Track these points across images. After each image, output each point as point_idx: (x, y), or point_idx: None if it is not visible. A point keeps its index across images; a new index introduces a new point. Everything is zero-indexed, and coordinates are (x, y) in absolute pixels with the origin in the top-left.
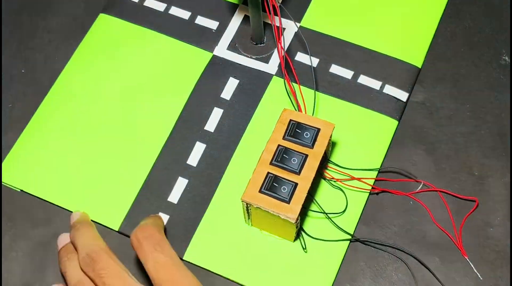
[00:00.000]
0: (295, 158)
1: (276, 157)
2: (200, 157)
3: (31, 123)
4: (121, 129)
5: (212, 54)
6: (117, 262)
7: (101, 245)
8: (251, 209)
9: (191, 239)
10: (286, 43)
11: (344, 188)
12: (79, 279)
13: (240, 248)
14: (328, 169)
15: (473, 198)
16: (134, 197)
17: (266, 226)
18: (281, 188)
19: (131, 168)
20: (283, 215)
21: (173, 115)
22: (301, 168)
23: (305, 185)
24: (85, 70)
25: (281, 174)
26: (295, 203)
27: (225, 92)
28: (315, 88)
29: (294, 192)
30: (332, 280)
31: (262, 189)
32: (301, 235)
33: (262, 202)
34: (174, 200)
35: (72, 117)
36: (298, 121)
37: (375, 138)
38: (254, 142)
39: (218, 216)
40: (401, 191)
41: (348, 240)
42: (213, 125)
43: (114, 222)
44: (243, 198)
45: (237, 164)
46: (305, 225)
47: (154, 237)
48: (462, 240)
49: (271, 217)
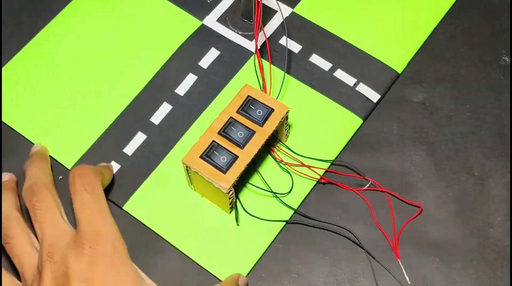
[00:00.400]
0: (241, 132)
1: (224, 128)
2: (164, 117)
3: (17, 56)
4: (97, 76)
5: (201, 23)
6: (54, 199)
7: (45, 180)
8: (190, 172)
9: (135, 191)
10: (274, 26)
11: (292, 173)
12: (9, 214)
13: (178, 210)
14: (279, 151)
15: (418, 204)
16: (94, 141)
17: (206, 193)
18: (221, 157)
19: (97, 114)
20: (217, 184)
21: (149, 72)
22: (246, 143)
23: (245, 159)
24: (80, 17)
25: (224, 144)
26: (231, 174)
27: (204, 61)
28: (285, 69)
29: (233, 164)
30: (257, 258)
31: (202, 155)
32: (237, 209)
33: (200, 167)
34: (129, 152)
35: (56, 57)
36: (255, 98)
37: (335, 132)
38: (218, 113)
39: (166, 175)
40: (349, 186)
41: (284, 221)
42: (184, 89)
43: (69, 160)
44: (183, 160)
45: (196, 130)
46: (245, 200)
47: (89, 178)
48: (399, 243)
49: (208, 184)
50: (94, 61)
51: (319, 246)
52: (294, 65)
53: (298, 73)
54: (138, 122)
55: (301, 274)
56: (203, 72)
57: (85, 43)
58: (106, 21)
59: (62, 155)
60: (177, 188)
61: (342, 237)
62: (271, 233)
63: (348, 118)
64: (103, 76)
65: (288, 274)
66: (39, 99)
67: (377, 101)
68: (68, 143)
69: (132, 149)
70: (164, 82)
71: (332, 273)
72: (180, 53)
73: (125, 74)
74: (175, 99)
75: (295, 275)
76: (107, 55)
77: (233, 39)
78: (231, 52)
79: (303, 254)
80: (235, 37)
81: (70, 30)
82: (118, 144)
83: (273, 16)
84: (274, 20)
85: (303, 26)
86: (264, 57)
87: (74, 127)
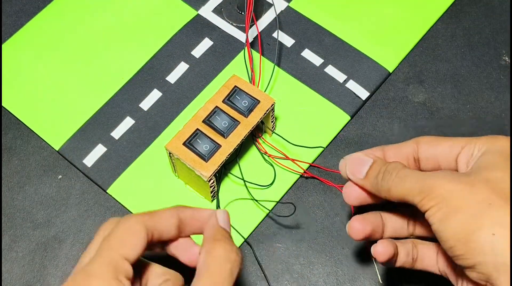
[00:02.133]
0: (226, 122)
1: (209, 116)
2: (153, 103)
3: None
4: (90, 59)
5: (197, 13)
6: None
7: None
8: (173, 159)
9: (120, 175)
10: (269, 19)
11: (276, 165)
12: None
13: (161, 196)
14: (264, 142)
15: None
16: (82, 123)
17: (189, 180)
18: (203, 145)
19: (87, 97)
20: (198, 171)
21: (142, 59)
22: (229, 133)
23: (228, 149)
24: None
25: (208, 133)
26: (212, 163)
27: (197, 50)
28: (275, 62)
29: (215, 153)
30: None
31: (185, 142)
32: (218, 198)
33: (182, 154)
34: (116, 136)
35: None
36: (241, 89)
37: (321, 127)
38: None
39: (151, 161)
40: (331, 182)
41: (265, 214)
42: (175, 77)
43: (57, 142)
44: (166, 146)
45: (185, 118)
46: (227, 190)
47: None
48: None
49: (190, 172)
50: (88, 45)
51: (319, 246)
52: (286, 59)
53: (288, 67)
54: (127, 107)
55: (301, 274)
56: (195, 61)
57: (81, 27)
58: (102, 6)
59: (50, 135)
60: (162, 175)
61: (342, 237)
62: (251, 224)
63: (335, 115)
64: (96, 60)
65: (288, 274)
66: (31, 80)
67: (365, 98)
68: (57, 124)
69: (120, 133)
70: (155, 69)
71: (332, 273)
72: (173, 41)
73: (118, 59)
74: (165, 87)
75: (295, 275)
76: (102, 40)
77: (227, 30)
78: (224, 43)
79: (303, 254)
80: (229, 28)
81: (65, 14)
82: (106, 128)
83: (268, 9)
84: (269, 13)
85: (297, 21)
86: (256, 49)
87: (63, 109)
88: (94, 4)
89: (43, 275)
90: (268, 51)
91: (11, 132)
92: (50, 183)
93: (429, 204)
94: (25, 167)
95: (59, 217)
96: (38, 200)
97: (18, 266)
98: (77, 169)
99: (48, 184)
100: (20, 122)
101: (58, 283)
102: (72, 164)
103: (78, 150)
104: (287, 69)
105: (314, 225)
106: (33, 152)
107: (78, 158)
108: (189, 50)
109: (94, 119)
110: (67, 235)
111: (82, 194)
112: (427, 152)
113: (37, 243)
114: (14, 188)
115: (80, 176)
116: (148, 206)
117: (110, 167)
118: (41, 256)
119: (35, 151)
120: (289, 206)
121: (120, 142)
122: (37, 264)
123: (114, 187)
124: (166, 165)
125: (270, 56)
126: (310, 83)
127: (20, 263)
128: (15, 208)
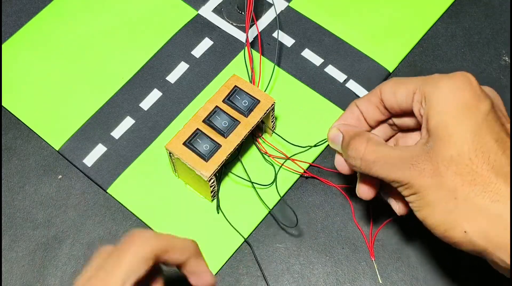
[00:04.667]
0: (226, 122)
1: (209, 116)
2: (153, 103)
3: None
4: (90, 59)
5: (197, 13)
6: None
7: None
8: (174, 159)
9: (119, 175)
10: (269, 19)
11: (276, 165)
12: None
13: (161, 196)
14: (264, 142)
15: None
16: (82, 123)
17: (189, 180)
18: (204, 145)
19: (88, 97)
20: (198, 171)
21: (142, 59)
22: (229, 132)
23: (228, 149)
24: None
25: (208, 132)
26: (213, 162)
27: (197, 50)
28: (275, 62)
29: (215, 152)
30: (236, 247)
31: (186, 142)
32: (218, 198)
33: (183, 154)
34: (116, 136)
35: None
36: (241, 88)
37: (321, 127)
38: None
39: (151, 161)
40: (331, 182)
41: (265, 214)
42: (175, 77)
43: (57, 142)
44: (167, 146)
45: (185, 118)
46: (227, 189)
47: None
48: (374, 242)
49: (191, 172)
50: (88, 45)
51: (319, 246)
52: (286, 59)
53: (288, 67)
54: (128, 106)
55: (301, 274)
56: (195, 61)
57: (81, 27)
58: (102, 6)
59: (50, 136)
60: (162, 175)
61: (342, 237)
62: (251, 224)
63: (335, 114)
64: (96, 60)
65: (288, 274)
66: (31, 80)
67: None
68: (57, 124)
69: (120, 133)
70: (156, 69)
71: (332, 273)
72: (173, 41)
73: (118, 59)
74: (166, 86)
75: (295, 275)
76: (102, 40)
77: (227, 30)
78: (224, 43)
79: (303, 254)
80: (229, 28)
81: (65, 14)
82: (106, 128)
83: (268, 9)
84: (269, 13)
85: (298, 21)
86: (256, 49)
87: (63, 109)
88: (94, 4)
89: (43, 275)
90: (268, 51)
91: (11, 132)
92: (50, 183)
93: (407, 192)
94: (25, 167)
95: (59, 217)
96: (38, 200)
97: (18, 266)
98: (77, 169)
99: (48, 184)
100: (20, 122)
101: (58, 283)
102: (72, 164)
103: (78, 150)
104: (287, 69)
105: (314, 225)
106: (33, 152)
107: (78, 158)
108: (189, 50)
109: (94, 119)
110: (67, 235)
111: (82, 194)
112: (389, 102)
113: (37, 243)
114: (14, 188)
115: (80, 176)
116: (148, 206)
117: (110, 167)
118: (41, 256)
119: (35, 151)
120: (290, 212)
121: (120, 142)
122: (37, 264)
123: (114, 187)
124: (166, 165)
125: (270, 56)
126: (310, 83)
127: (20, 263)
128: (15, 208)
